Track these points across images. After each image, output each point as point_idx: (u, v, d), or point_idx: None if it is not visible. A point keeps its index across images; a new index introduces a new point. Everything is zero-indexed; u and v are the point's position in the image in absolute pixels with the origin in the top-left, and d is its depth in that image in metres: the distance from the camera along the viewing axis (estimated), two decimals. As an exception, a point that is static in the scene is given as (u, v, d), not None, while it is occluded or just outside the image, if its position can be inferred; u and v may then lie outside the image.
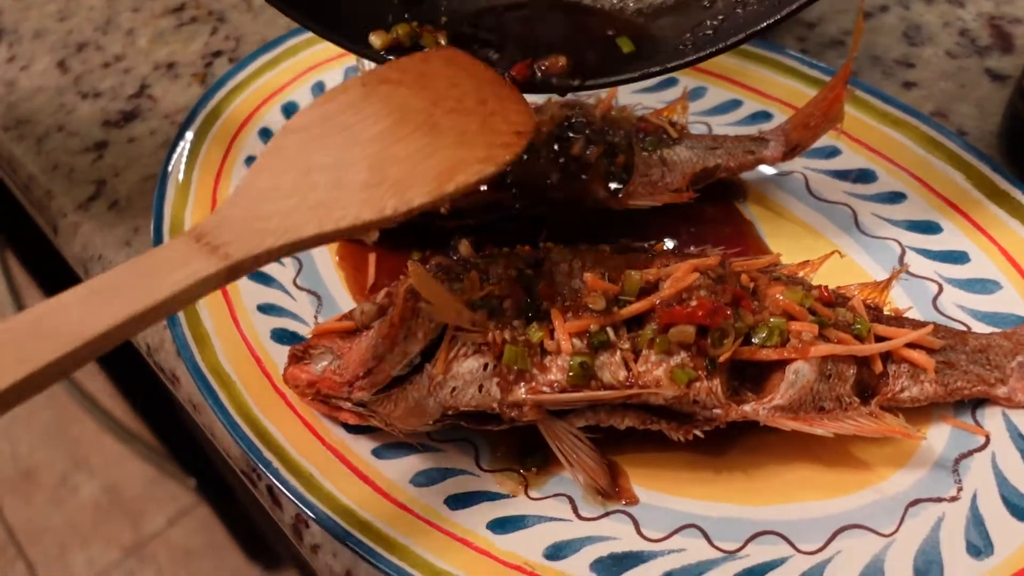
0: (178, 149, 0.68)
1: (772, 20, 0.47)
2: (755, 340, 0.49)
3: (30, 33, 0.89)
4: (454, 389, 0.49)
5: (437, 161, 0.44)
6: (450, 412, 0.50)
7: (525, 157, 0.60)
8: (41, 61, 0.86)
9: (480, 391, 0.49)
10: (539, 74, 0.52)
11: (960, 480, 0.49)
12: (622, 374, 0.49)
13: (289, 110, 0.73)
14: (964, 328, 0.55)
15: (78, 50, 0.86)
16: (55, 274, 1.27)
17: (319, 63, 0.75)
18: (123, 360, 1.48)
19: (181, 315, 0.58)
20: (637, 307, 0.49)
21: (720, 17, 0.50)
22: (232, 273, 0.37)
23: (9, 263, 1.95)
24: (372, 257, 0.63)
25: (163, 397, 1.43)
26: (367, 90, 0.47)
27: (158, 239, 0.62)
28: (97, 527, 1.99)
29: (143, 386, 1.52)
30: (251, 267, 0.38)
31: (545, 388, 0.48)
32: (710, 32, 0.50)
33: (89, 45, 0.87)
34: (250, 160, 0.69)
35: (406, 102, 0.47)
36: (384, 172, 0.43)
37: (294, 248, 0.39)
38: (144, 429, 1.87)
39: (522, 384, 0.49)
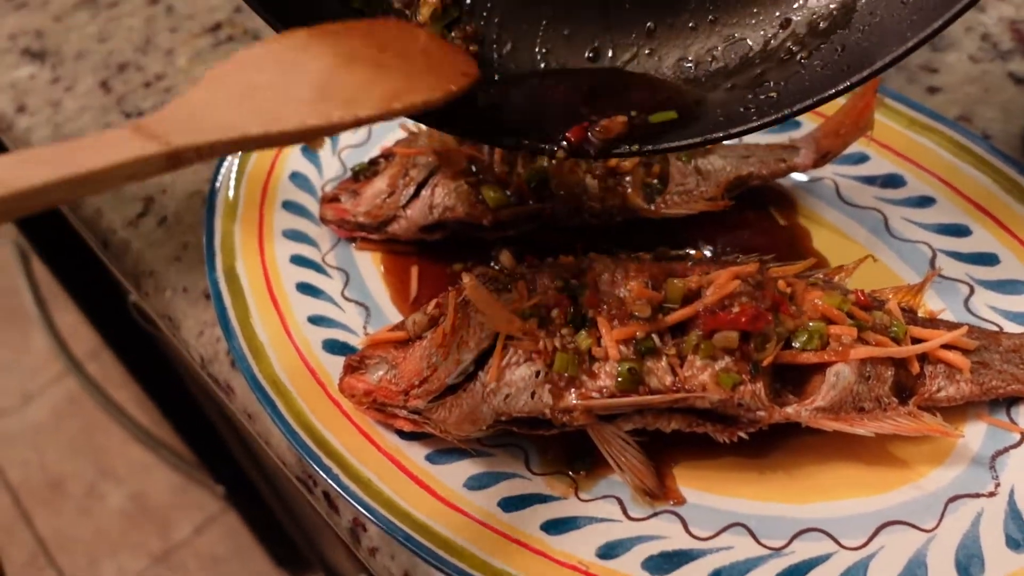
0: (225, 164, 0.70)
1: (842, 87, 0.45)
2: (796, 344, 0.51)
3: (72, 54, 0.92)
4: (507, 396, 0.51)
5: (385, 87, 0.45)
6: (503, 418, 0.52)
7: (562, 170, 0.62)
8: (84, 82, 0.88)
9: (532, 397, 0.51)
10: (595, 139, 0.50)
11: (997, 476, 0.51)
12: (669, 379, 0.50)
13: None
14: (997, 328, 0.57)
15: (119, 70, 0.89)
16: (89, 284, 1.29)
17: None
18: (151, 368, 1.51)
19: (237, 327, 0.60)
20: (682, 314, 0.51)
21: (782, 82, 0.48)
22: (171, 159, 0.36)
23: (34, 272, 1.98)
24: (414, 270, 0.65)
25: (193, 405, 1.46)
26: (311, 37, 0.47)
27: (210, 254, 0.64)
28: (125, 535, 2.01)
29: (170, 394, 1.55)
30: (193, 157, 0.37)
31: (595, 393, 0.50)
32: (773, 95, 0.48)
33: (130, 65, 0.89)
34: (295, 176, 0.72)
35: (353, 47, 0.47)
36: (331, 91, 0.43)
37: (239, 145, 0.39)
38: (171, 436, 1.89)
39: (573, 390, 0.51)
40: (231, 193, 0.68)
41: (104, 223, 0.75)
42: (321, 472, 0.53)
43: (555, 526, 0.51)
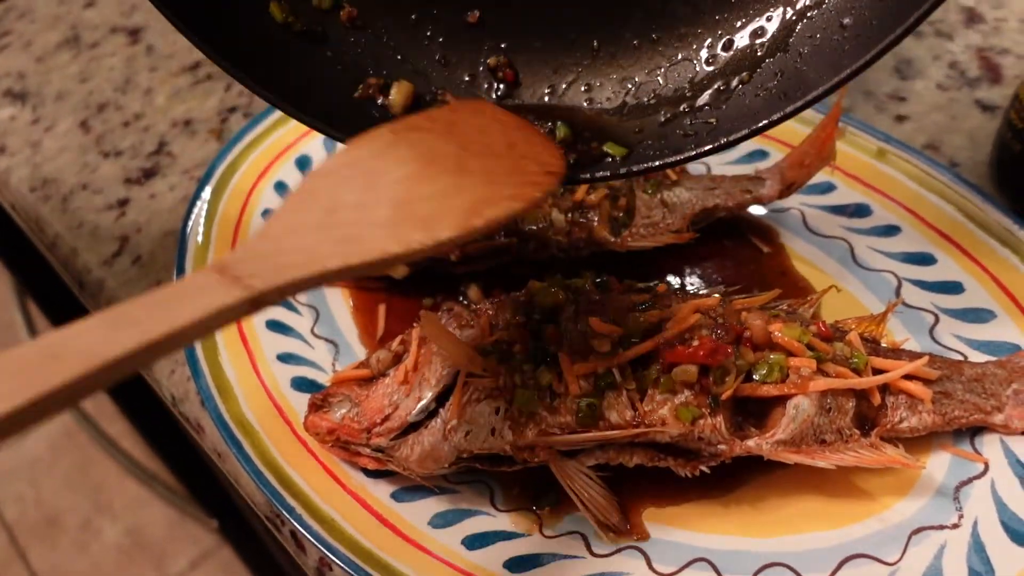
0: (196, 207, 0.71)
1: (777, 116, 0.44)
2: (756, 377, 0.51)
3: (53, 95, 0.93)
4: (468, 433, 0.51)
5: (465, 198, 0.43)
6: (464, 455, 0.52)
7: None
8: (64, 122, 0.89)
9: (493, 434, 0.51)
10: None
11: (961, 507, 0.51)
12: (629, 413, 0.51)
13: (303, 163, 0.76)
14: (961, 357, 0.57)
15: (99, 110, 0.90)
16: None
17: (330, 117, 0.78)
18: (143, 403, 1.51)
19: (204, 366, 0.60)
20: (640, 348, 0.51)
21: (722, 106, 0.48)
22: (255, 304, 0.36)
23: (30, 310, 1.99)
24: (381, 308, 0.66)
25: (184, 439, 1.46)
26: (395, 137, 0.47)
27: (181, 294, 0.64)
28: (121, 570, 2.00)
29: (164, 428, 1.54)
30: (275, 298, 0.37)
31: (555, 429, 0.50)
32: (712, 121, 0.47)
33: (109, 105, 0.90)
34: (267, 212, 0.72)
35: (434, 147, 0.46)
36: (410, 209, 0.42)
37: (319, 280, 0.38)
38: (165, 471, 1.89)
39: (533, 426, 0.51)
40: (200, 238, 0.68)
41: (79, 263, 0.75)
42: (285, 512, 0.52)
43: (519, 564, 0.51)
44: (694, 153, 0.46)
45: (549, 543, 0.52)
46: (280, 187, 0.74)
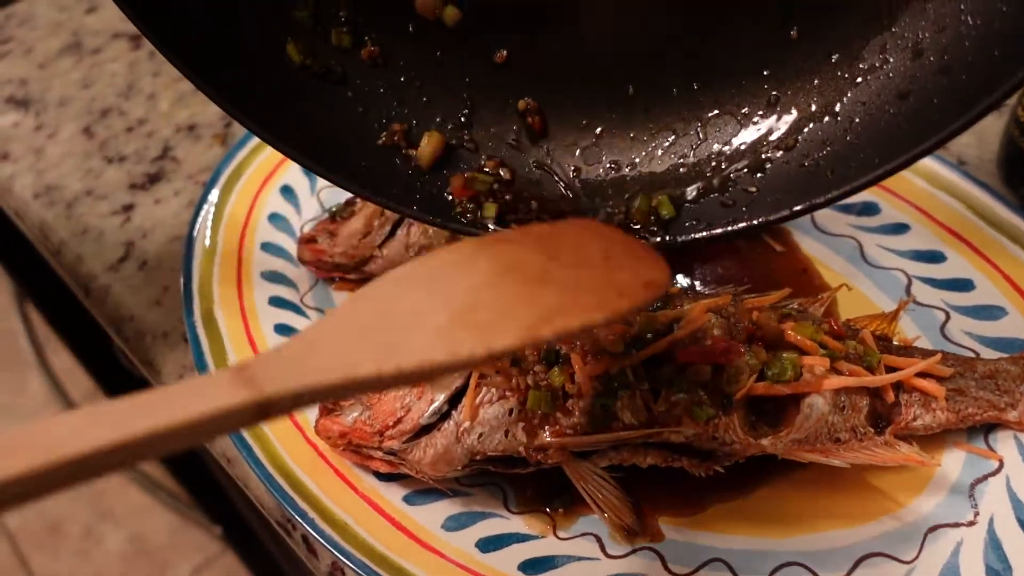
0: (203, 211, 0.70)
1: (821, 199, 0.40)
2: (769, 376, 0.51)
3: (55, 101, 0.92)
4: (481, 435, 0.51)
5: (538, 307, 0.38)
6: (478, 457, 0.51)
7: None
8: (67, 128, 0.89)
9: (506, 436, 0.51)
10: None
11: (976, 505, 0.50)
12: (642, 414, 0.50)
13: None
14: (972, 355, 0.57)
15: (102, 116, 0.90)
16: (79, 329, 1.29)
17: (335, 121, 0.78)
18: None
19: (213, 370, 0.60)
20: (653, 348, 0.51)
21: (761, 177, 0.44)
22: (262, 409, 0.32)
23: (30, 316, 1.98)
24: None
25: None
26: (478, 247, 0.41)
27: (188, 299, 0.64)
28: (124, 578, 2.00)
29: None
30: (288, 406, 0.33)
31: (568, 430, 0.50)
32: (753, 191, 0.44)
33: (112, 111, 0.90)
34: (273, 216, 0.72)
35: (518, 257, 0.41)
36: (470, 316, 0.37)
37: (345, 389, 0.34)
38: (167, 477, 1.89)
39: (546, 428, 0.50)
40: (208, 241, 0.68)
41: (85, 269, 0.75)
42: (297, 517, 0.52)
43: (533, 566, 0.51)
44: (731, 229, 0.43)
45: (563, 545, 0.52)
46: (286, 191, 0.74)
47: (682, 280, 0.65)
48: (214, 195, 0.72)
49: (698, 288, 0.65)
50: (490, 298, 0.38)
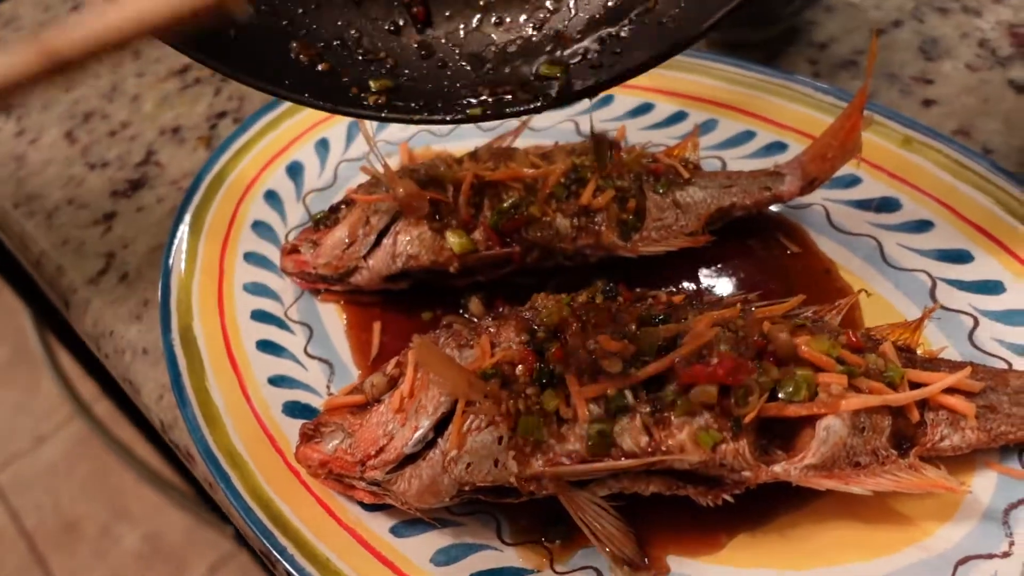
0: (183, 221, 0.67)
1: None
2: (782, 395, 0.47)
3: (37, 105, 0.89)
4: (469, 465, 0.47)
5: None
6: (466, 488, 0.48)
7: (530, 211, 0.59)
8: (49, 133, 0.86)
9: (496, 466, 0.47)
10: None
11: (1012, 533, 0.46)
12: (643, 440, 0.46)
13: (294, 170, 0.72)
14: (1005, 365, 0.52)
15: (85, 120, 0.86)
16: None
17: (320, 120, 0.74)
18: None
19: (191, 393, 0.57)
20: (655, 368, 0.47)
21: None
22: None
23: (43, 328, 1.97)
24: (376, 326, 0.62)
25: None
26: None
27: (165, 315, 0.61)
28: (140, 576, 1.99)
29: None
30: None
31: (563, 459, 0.46)
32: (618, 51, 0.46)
33: (95, 114, 0.87)
34: (257, 224, 0.68)
35: None
36: None
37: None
38: (179, 478, 1.87)
39: (539, 456, 0.47)
40: (187, 253, 0.64)
41: (65, 282, 0.72)
42: (276, 553, 0.49)
43: (528, 604, 0.47)
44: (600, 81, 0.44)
45: (561, 580, 0.48)
46: (270, 196, 0.70)
47: (689, 286, 0.61)
48: (194, 203, 0.68)
49: (713, 291, 0.61)
50: None
